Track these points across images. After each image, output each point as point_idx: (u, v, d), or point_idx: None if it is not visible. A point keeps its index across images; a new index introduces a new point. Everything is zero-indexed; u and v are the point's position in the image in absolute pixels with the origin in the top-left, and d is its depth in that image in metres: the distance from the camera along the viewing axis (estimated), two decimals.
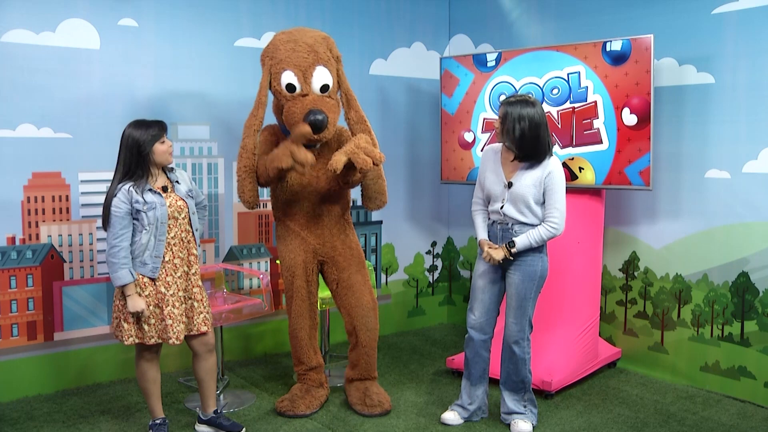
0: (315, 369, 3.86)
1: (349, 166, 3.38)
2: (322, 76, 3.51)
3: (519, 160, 3.34)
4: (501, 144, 3.47)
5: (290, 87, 3.52)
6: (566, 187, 3.40)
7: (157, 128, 3.16)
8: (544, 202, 3.35)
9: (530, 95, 3.43)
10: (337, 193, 3.70)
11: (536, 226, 3.36)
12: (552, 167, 3.32)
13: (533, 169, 3.33)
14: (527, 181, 3.32)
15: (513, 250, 3.34)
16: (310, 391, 3.81)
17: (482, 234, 3.49)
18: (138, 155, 3.12)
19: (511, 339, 3.46)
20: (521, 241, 3.33)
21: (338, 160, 3.31)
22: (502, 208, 3.37)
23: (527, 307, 3.42)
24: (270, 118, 3.78)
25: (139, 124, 3.17)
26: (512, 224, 3.37)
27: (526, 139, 3.25)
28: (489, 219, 3.49)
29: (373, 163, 3.34)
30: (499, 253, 3.37)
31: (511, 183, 3.35)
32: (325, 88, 3.53)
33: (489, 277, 3.49)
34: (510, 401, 3.55)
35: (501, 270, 3.48)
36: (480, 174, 3.52)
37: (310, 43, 3.51)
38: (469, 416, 3.62)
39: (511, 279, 3.42)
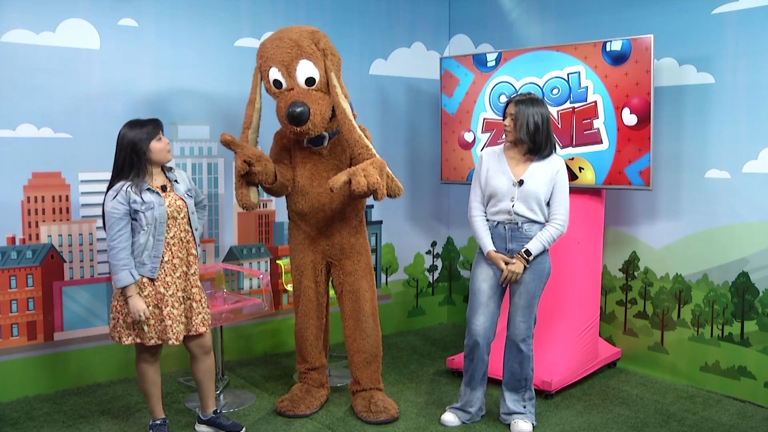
0: (317, 369, 3.86)
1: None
2: (305, 70, 3.46)
3: (532, 154, 3.38)
4: (501, 146, 3.51)
5: (277, 83, 3.52)
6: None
7: (152, 126, 3.15)
8: (548, 201, 3.40)
9: (533, 93, 3.51)
10: (347, 193, 3.67)
11: (543, 223, 3.40)
12: (560, 165, 3.40)
13: (542, 166, 3.38)
14: (540, 179, 3.36)
15: (530, 259, 3.37)
16: (310, 392, 3.81)
17: (489, 244, 3.45)
18: (134, 155, 3.10)
19: (518, 337, 3.46)
20: (535, 246, 3.36)
21: (337, 179, 3.26)
22: (513, 207, 3.38)
23: (535, 305, 3.46)
24: (267, 117, 3.76)
25: (133, 123, 3.15)
26: (522, 223, 3.39)
27: (540, 132, 3.33)
28: (491, 221, 3.48)
29: (369, 190, 3.23)
30: (519, 267, 3.38)
31: (522, 181, 3.37)
32: (310, 81, 3.48)
33: (494, 281, 3.49)
34: (510, 401, 3.55)
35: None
36: (479, 176, 3.50)
37: (294, 38, 3.47)
38: (471, 418, 3.62)
39: (521, 279, 3.43)
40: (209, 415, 3.45)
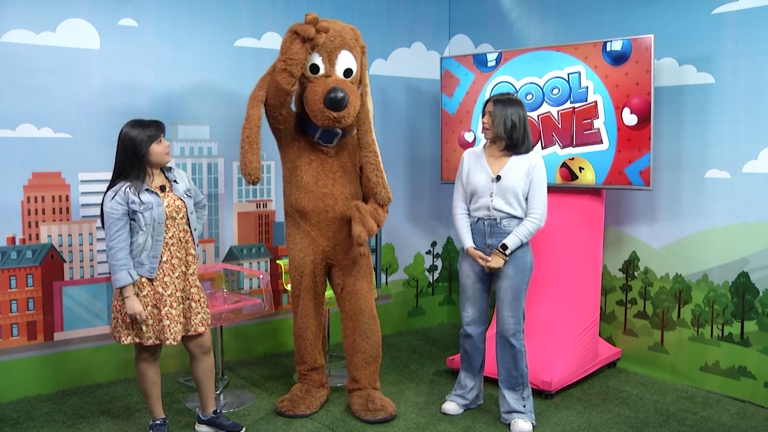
0: (317, 369, 3.85)
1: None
2: (346, 60, 3.55)
3: (509, 150, 3.48)
4: (481, 147, 3.63)
5: (314, 68, 3.54)
6: (566, 187, 3.46)
7: (154, 128, 3.15)
8: (527, 197, 3.48)
9: (513, 93, 3.65)
10: (351, 195, 3.70)
11: (521, 218, 3.47)
12: (537, 160, 3.49)
13: (519, 161, 3.47)
14: (516, 174, 3.45)
15: (507, 253, 3.44)
16: (310, 392, 3.81)
17: (468, 240, 3.57)
18: (134, 155, 3.10)
19: (508, 332, 3.50)
20: (512, 241, 3.44)
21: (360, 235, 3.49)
22: (492, 202, 3.46)
23: (521, 299, 3.51)
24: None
25: (136, 123, 3.15)
26: (500, 218, 3.47)
27: (516, 129, 3.43)
28: (473, 218, 3.57)
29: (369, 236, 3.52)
30: (498, 261, 3.46)
31: (500, 176, 3.46)
32: (348, 72, 3.56)
33: (476, 276, 3.60)
34: (511, 400, 3.56)
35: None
36: (460, 175, 3.62)
37: (338, 29, 3.56)
38: (468, 404, 3.71)
39: (503, 274, 3.49)
40: (209, 415, 3.45)
